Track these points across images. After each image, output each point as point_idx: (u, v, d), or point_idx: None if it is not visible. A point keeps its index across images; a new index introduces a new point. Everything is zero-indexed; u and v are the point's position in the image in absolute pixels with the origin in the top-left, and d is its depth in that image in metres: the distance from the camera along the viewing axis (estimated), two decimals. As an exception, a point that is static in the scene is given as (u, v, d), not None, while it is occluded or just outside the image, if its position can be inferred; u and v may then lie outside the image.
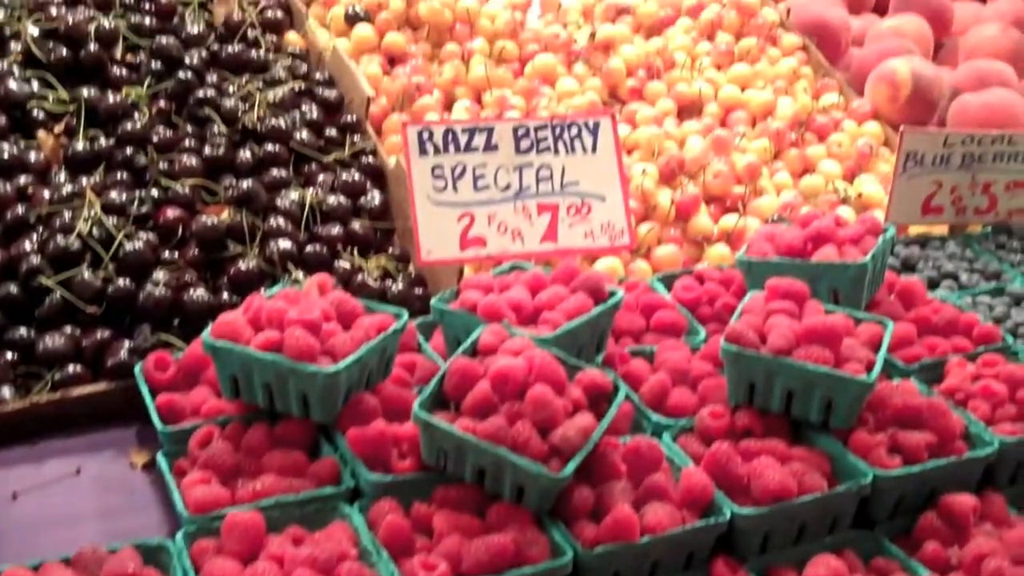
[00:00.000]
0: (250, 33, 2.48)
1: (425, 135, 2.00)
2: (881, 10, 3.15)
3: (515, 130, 2.05)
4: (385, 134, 2.39)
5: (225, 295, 1.91)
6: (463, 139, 2.02)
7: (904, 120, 2.63)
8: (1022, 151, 2.28)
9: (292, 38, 2.57)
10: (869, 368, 1.64)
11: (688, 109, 2.62)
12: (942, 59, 3.02)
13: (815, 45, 2.83)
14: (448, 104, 2.50)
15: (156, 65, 2.29)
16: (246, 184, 2.07)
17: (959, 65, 2.88)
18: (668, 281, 2.05)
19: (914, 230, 2.34)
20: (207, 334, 1.60)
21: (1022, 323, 2.00)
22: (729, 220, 2.31)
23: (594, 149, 2.09)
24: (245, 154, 2.15)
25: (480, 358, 1.56)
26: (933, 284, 2.13)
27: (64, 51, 2.26)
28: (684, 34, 2.81)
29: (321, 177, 2.18)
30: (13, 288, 1.86)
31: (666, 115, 2.56)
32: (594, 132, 2.10)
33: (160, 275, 1.88)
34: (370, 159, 2.26)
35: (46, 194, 2.01)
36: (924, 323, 1.91)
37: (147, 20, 2.39)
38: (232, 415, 1.63)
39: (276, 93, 2.29)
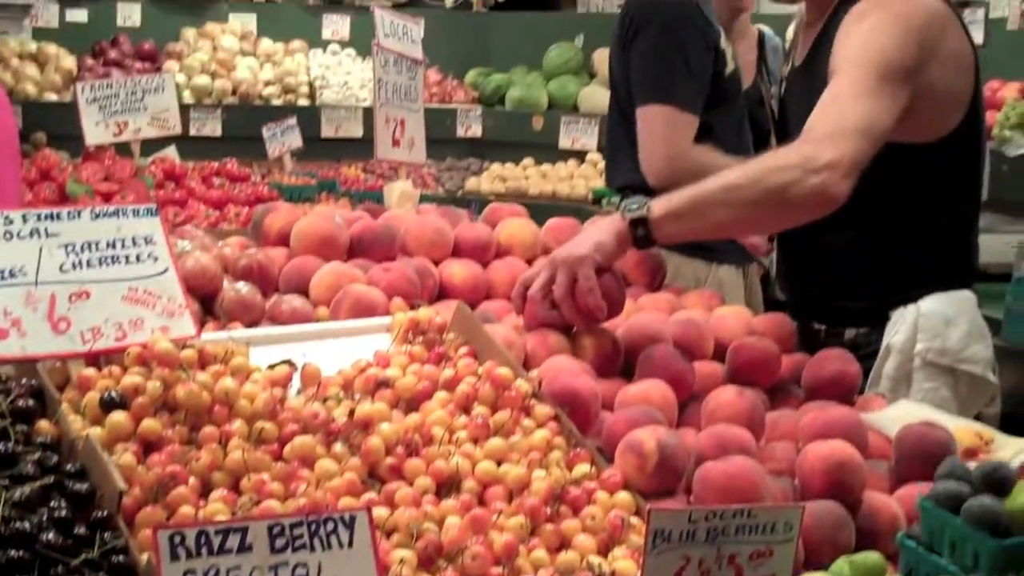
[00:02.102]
0: (-1, 424, 2.44)
1: (177, 539, 1.97)
2: (628, 373, 3.32)
3: (270, 529, 2.03)
4: (138, 528, 2.33)
5: None
6: (216, 541, 1.99)
7: (653, 488, 2.74)
8: (762, 523, 2.39)
9: (44, 427, 2.53)
10: None
11: (447, 484, 2.67)
12: (687, 420, 3.19)
13: (566, 415, 2.96)
14: (205, 492, 2.48)
15: None
16: (-16, 599, 1.99)
17: (702, 429, 3.04)
18: (428, 677, 2.03)
19: (667, 605, 2.40)
20: None
21: None
22: (488, 604, 2.33)
23: (351, 543, 2.08)
24: (-14, 563, 2.07)
25: None
26: (687, 663, 2.17)
27: None
28: (441, 408, 2.89)
29: (68, 582, 2.11)
30: None
31: (424, 493, 2.60)
32: (350, 526, 2.10)
33: None
34: (121, 558, 2.19)
35: None
36: None
37: None
38: None
39: (23, 491, 2.24)
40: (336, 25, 11.96)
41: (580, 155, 10.77)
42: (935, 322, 3.60)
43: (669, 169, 4.66)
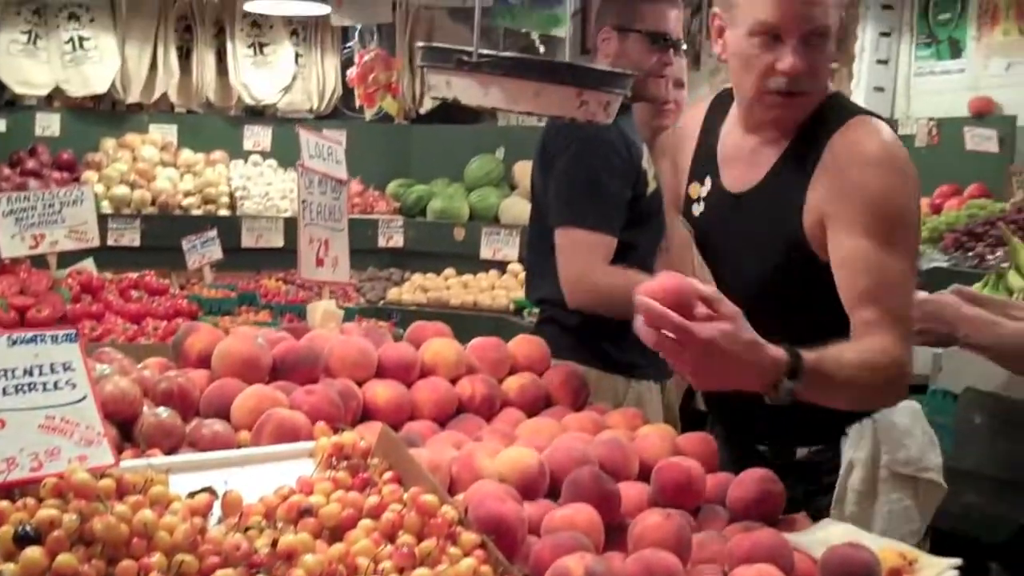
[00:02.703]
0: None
1: None
2: (554, 495, 3.30)
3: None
4: (52, 671, 2.26)
5: None
6: None
7: (581, 617, 2.71)
8: (691, 653, 2.38)
9: (-46, 564, 2.46)
10: None
11: (372, 617, 2.63)
12: (614, 543, 3.16)
13: (493, 541, 2.92)
14: (122, 631, 2.41)
15: None
16: None
17: (629, 553, 3.03)
18: None
19: None
20: None
21: None
22: None
23: None
24: None
25: None
26: None
27: None
28: (366, 536, 2.84)
29: None
30: None
31: (349, 628, 2.55)
32: (274, 668, 2.07)
33: None
34: None
35: None
36: None
37: None
38: None
39: (-69, 634, 2.17)
40: (257, 136, 12.00)
41: (501, 266, 10.87)
42: (895, 433, 3.67)
43: (581, 290, 4.74)
